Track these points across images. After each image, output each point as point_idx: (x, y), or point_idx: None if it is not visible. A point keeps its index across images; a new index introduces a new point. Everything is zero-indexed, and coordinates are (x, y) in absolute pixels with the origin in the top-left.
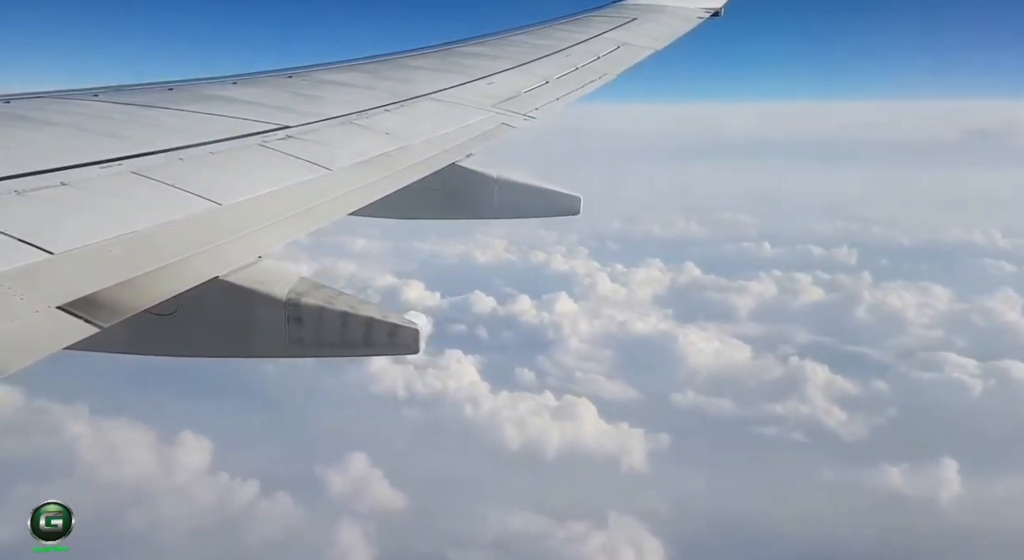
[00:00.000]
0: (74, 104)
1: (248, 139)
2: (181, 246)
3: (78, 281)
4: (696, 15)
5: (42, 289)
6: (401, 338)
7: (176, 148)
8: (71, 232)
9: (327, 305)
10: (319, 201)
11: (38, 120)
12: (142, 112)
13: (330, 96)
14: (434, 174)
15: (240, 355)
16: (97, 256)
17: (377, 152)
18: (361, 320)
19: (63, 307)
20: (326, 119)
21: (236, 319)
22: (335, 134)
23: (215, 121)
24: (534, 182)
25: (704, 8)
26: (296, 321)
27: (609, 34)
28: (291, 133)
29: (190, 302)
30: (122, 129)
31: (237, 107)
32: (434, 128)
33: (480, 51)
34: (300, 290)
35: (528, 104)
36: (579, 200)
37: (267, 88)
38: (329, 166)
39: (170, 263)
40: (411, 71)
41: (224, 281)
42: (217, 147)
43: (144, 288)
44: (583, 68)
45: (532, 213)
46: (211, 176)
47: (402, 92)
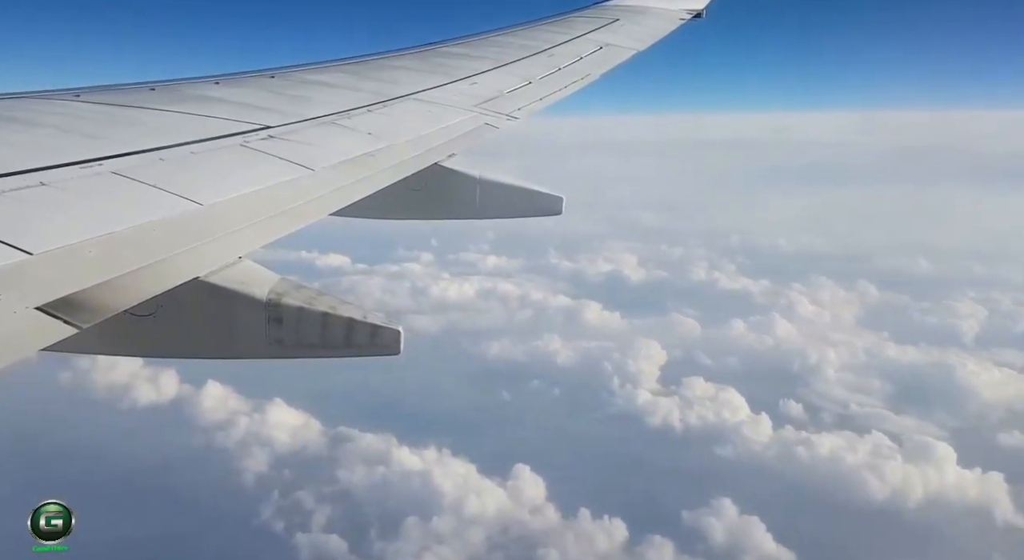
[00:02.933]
0: (55, 104)
1: (230, 139)
2: (161, 247)
3: (57, 282)
4: (678, 16)
5: (20, 290)
6: (382, 339)
7: (157, 148)
8: (50, 232)
9: (307, 306)
10: (301, 201)
11: (18, 120)
12: (123, 112)
13: (312, 96)
14: (416, 174)
15: (220, 356)
16: (76, 257)
17: (359, 152)
18: (342, 321)
19: (42, 308)
20: (308, 119)
21: (216, 320)
22: (317, 134)
23: (197, 121)
24: (516, 182)
25: (686, 9)
26: (276, 322)
27: (592, 35)
28: (273, 133)
29: (170, 303)
30: (103, 129)
31: (219, 107)
32: (417, 128)
33: (463, 51)
34: (280, 291)
35: (511, 104)
36: (561, 200)
37: (249, 88)
38: (311, 166)
39: (150, 263)
40: (394, 71)
41: (204, 282)
42: (198, 147)
43: (123, 289)
44: (566, 69)
45: (514, 213)
46: (192, 176)
47: (385, 92)
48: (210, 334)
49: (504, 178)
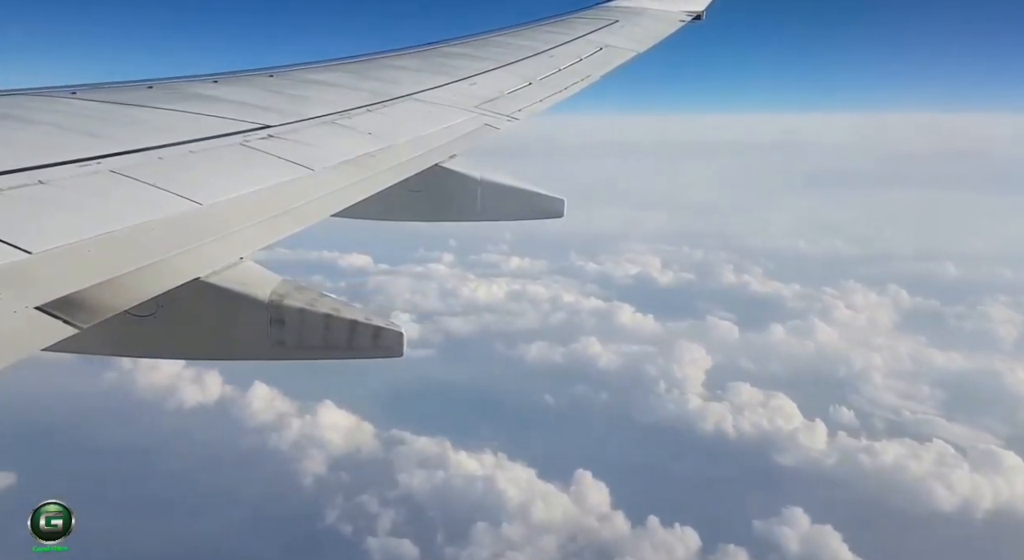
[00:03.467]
0: (52, 102)
1: (229, 138)
2: (161, 246)
3: (56, 281)
4: (678, 18)
5: (20, 289)
6: (385, 341)
7: (156, 147)
8: (49, 231)
9: (309, 307)
10: (301, 201)
11: (15, 118)
12: (121, 110)
13: (313, 96)
14: (417, 175)
15: (221, 357)
16: (75, 256)
17: (360, 152)
18: (344, 323)
19: (41, 308)
20: (308, 119)
21: (217, 321)
22: (317, 134)
23: (196, 120)
24: (518, 184)
25: (686, 11)
26: (278, 323)
27: (592, 36)
28: (273, 133)
29: (170, 303)
30: (101, 128)
31: (218, 106)
32: (417, 128)
33: (463, 52)
34: (282, 292)
35: (511, 105)
36: (563, 202)
37: (249, 87)
38: (311, 166)
39: (150, 263)
40: (394, 71)
41: (205, 282)
42: (198, 146)
43: (123, 289)
44: (566, 69)
45: (515, 216)
46: (191, 176)
47: (385, 92)
48: (211, 335)
49: (505, 179)
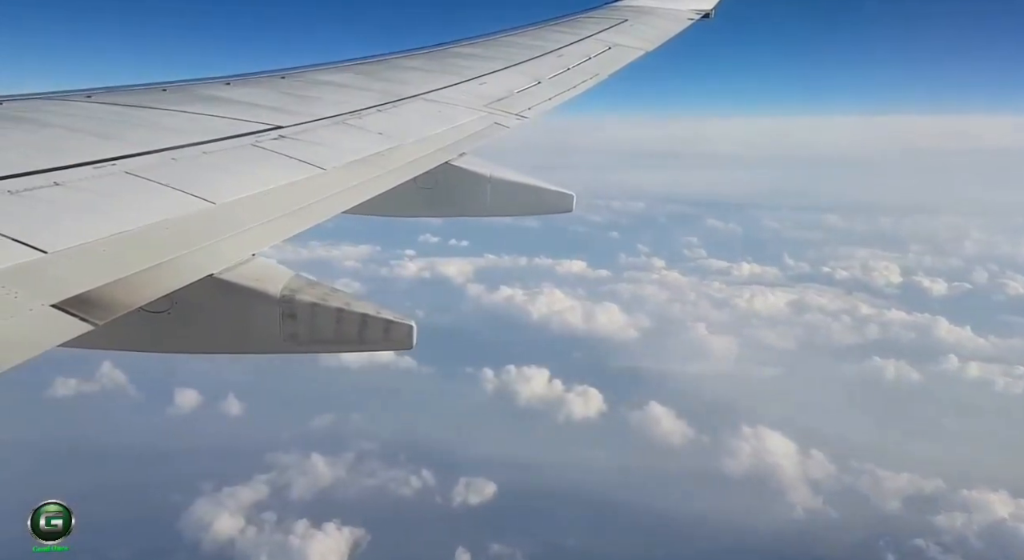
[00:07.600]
0: (67, 105)
1: (241, 139)
2: (175, 244)
3: (72, 280)
4: (687, 17)
5: (37, 287)
6: (395, 334)
7: (170, 148)
8: (65, 231)
9: (321, 302)
10: (312, 200)
11: (31, 121)
12: (135, 113)
13: (323, 96)
14: (427, 173)
15: (234, 352)
16: (91, 255)
17: (370, 152)
18: (356, 316)
19: (57, 305)
20: (319, 119)
21: (230, 316)
22: (328, 134)
23: (208, 121)
24: (527, 180)
25: (694, 10)
26: (291, 318)
27: (600, 35)
28: (284, 133)
29: (184, 300)
30: (115, 130)
31: (230, 107)
32: (426, 128)
33: (472, 52)
34: (294, 287)
35: (520, 104)
36: (572, 198)
37: (260, 88)
38: (322, 165)
39: (164, 261)
40: (404, 71)
41: (218, 278)
42: (210, 147)
43: (138, 286)
44: (575, 69)
45: (525, 211)
46: (205, 176)
47: (395, 92)
48: (224, 330)
49: (514, 175)
